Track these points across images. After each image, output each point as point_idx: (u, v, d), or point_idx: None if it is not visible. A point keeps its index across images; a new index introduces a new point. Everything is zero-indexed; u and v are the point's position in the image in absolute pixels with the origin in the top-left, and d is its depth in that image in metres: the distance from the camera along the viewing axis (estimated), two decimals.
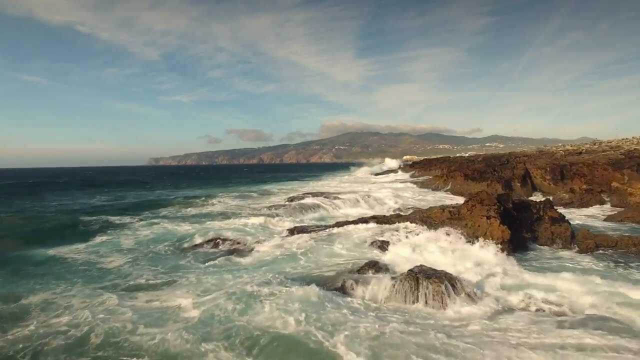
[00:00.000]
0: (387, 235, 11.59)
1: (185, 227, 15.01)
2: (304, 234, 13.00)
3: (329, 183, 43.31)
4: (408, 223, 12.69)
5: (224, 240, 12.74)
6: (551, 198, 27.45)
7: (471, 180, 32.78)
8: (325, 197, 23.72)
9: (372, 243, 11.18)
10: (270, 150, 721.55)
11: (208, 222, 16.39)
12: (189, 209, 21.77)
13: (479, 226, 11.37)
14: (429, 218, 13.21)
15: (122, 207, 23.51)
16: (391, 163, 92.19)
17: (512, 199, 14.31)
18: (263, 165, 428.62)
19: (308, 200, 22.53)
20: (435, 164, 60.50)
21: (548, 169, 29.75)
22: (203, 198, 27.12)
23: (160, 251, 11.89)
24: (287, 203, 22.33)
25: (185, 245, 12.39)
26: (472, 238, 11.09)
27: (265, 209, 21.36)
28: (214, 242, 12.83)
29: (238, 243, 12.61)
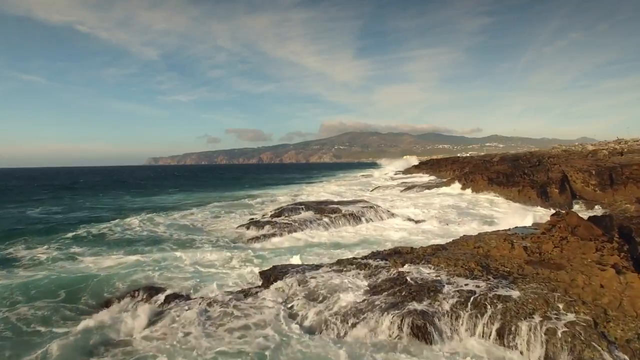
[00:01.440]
0: (425, 302, 6.35)
1: (98, 266, 9.79)
2: (285, 286, 7.76)
3: (328, 187, 38.15)
4: (457, 272, 7.45)
5: (145, 297, 7.52)
6: (603, 208, 22.39)
7: (496, 185, 27.60)
8: (322, 209, 18.49)
9: (402, 326, 5.88)
10: (270, 150, 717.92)
11: (142, 255, 11.17)
12: (140, 225, 16.43)
13: (602, 286, 6.12)
14: (488, 258, 8.00)
15: (57, 221, 18.37)
16: (408, 161, 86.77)
17: (614, 223, 9.10)
18: (262, 165, 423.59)
19: (301, 216, 17.35)
20: (444, 165, 55.22)
21: (593, 172, 24.53)
22: (170, 210, 21.92)
23: (20, 318, 6.71)
24: (272, 220, 17.11)
25: (69, 306, 7.17)
26: (589, 309, 5.86)
27: (243, 227, 16.17)
28: (128, 299, 7.60)
29: (170, 302, 7.39)
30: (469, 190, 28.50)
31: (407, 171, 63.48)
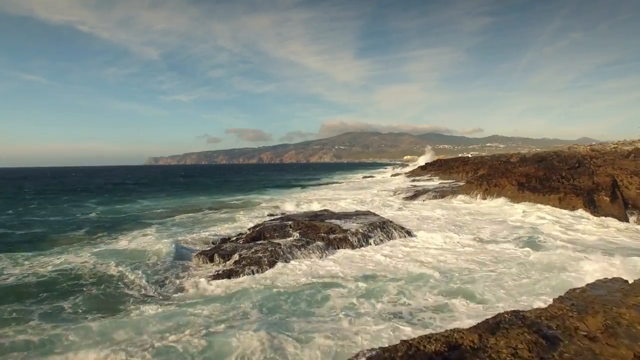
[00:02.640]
0: None
1: None
2: None
3: (326, 192, 33.57)
4: None
5: None
6: None
7: (529, 191, 22.89)
8: (315, 227, 13.80)
9: None
10: (270, 150, 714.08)
11: None
12: (43, 267, 11.65)
13: None
14: None
15: None
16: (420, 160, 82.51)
17: None
18: (262, 165, 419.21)
19: (286, 239, 12.73)
20: (454, 166, 50.30)
21: None
22: (124, 225, 17.36)
23: None
24: (245, 245, 12.48)
25: None
26: None
27: (204, 257, 11.49)
28: None
29: None
30: (496, 199, 23.77)
31: (413, 173, 58.77)
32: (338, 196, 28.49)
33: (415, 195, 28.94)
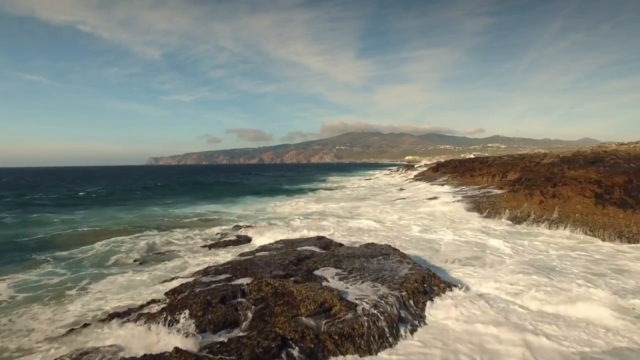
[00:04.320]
0: None
1: None
2: None
3: (321, 202, 26.76)
4: None
5: None
6: None
7: (614, 206, 15.82)
8: (288, 295, 6.80)
9: None
10: (271, 150, 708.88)
11: None
12: None
13: None
14: None
15: None
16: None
17: None
18: (262, 165, 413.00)
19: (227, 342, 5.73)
20: (474, 167, 43.08)
21: None
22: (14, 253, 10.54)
23: None
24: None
25: None
26: None
27: None
28: None
29: None
30: (563, 223, 16.62)
31: (424, 175, 51.72)
32: (340, 210, 21.50)
33: (446, 203, 21.95)
